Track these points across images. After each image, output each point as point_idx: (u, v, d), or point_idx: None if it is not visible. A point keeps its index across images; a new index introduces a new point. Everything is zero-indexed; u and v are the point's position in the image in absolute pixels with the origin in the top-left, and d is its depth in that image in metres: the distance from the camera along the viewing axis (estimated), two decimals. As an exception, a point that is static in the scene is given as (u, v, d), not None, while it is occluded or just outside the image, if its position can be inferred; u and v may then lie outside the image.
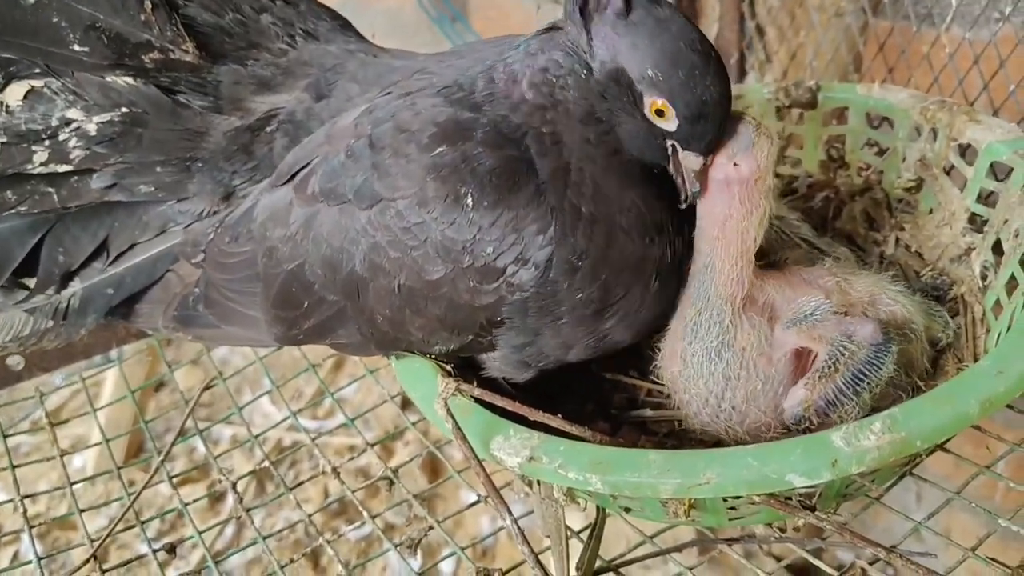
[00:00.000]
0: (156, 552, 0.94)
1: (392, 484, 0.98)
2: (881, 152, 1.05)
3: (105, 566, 0.93)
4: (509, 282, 0.72)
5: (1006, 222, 0.85)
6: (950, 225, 0.92)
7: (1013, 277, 0.82)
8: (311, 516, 0.98)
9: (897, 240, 0.97)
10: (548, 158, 0.72)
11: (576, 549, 0.81)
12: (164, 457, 1.02)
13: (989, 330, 0.84)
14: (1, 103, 0.84)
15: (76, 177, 0.87)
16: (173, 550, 0.94)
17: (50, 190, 0.87)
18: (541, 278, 0.72)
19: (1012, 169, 0.87)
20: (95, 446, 1.39)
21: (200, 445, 2.05)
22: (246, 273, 0.85)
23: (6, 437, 1.13)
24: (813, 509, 0.71)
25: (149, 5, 0.85)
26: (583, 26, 0.71)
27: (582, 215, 0.72)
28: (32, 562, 0.97)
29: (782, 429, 0.77)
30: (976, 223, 0.91)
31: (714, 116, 0.72)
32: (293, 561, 0.93)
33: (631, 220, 0.74)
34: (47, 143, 0.85)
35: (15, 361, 0.94)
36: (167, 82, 0.87)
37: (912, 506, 1.39)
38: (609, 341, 0.79)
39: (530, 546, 0.69)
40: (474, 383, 0.75)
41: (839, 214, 1.02)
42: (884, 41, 1.22)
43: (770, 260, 0.86)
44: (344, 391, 1.68)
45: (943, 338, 0.83)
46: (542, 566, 0.70)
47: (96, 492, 1.95)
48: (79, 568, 0.92)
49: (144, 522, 1.01)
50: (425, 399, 0.77)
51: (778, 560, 1.31)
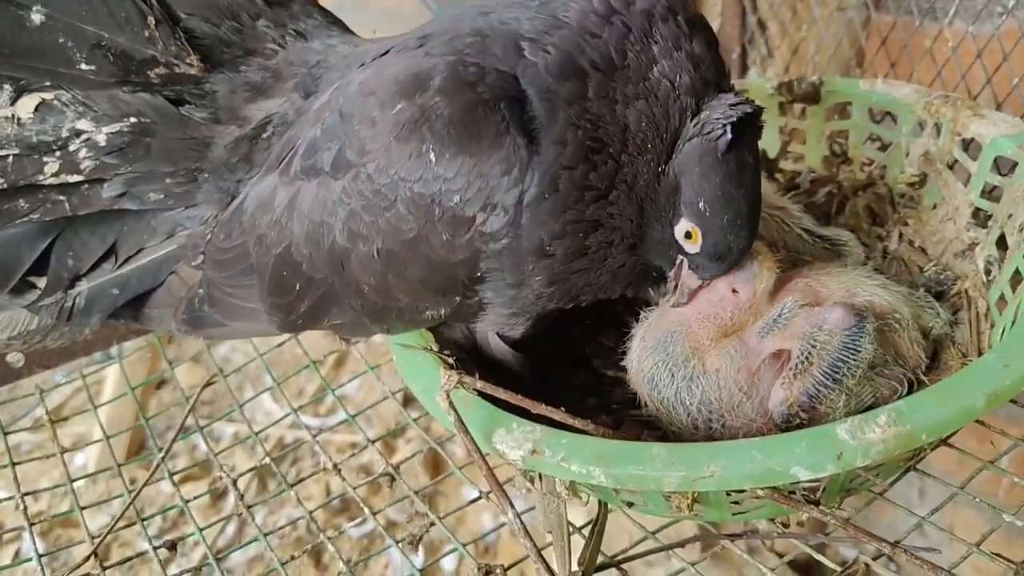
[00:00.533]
0: (157, 549, 0.94)
1: (394, 481, 0.98)
2: (884, 147, 1.04)
3: (106, 563, 0.93)
4: (480, 231, 0.72)
5: (1010, 217, 0.85)
6: (954, 220, 0.92)
7: (1017, 272, 0.82)
8: (312, 513, 0.98)
9: (900, 235, 0.97)
10: (596, 174, 0.73)
11: (578, 545, 0.80)
12: (165, 454, 1.02)
13: (993, 325, 0.84)
14: (12, 116, 0.84)
15: (87, 186, 0.87)
16: (174, 547, 0.94)
17: (62, 199, 0.87)
18: (512, 224, 0.72)
19: (1016, 164, 0.86)
20: (96, 443, 1.39)
21: (201, 443, 2.06)
22: (242, 266, 0.85)
23: (7, 435, 1.13)
24: (817, 503, 0.71)
25: (152, 21, 0.85)
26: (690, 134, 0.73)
27: (579, 234, 0.74)
28: (33, 559, 0.97)
29: (776, 429, 0.76)
30: (980, 218, 0.91)
31: (731, 261, 0.77)
32: (294, 558, 0.93)
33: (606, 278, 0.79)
34: (58, 154, 0.85)
35: (15, 358, 0.94)
36: (173, 95, 0.87)
37: (915, 501, 1.39)
38: (578, 300, 0.81)
39: (533, 541, 0.69)
40: (476, 375, 0.75)
41: (842, 209, 1.02)
42: (887, 35, 1.22)
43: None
44: (345, 388, 1.68)
45: (935, 326, 0.83)
46: (545, 561, 0.70)
47: (98, 490, 1.95)
48: (80, 565, 0.92)
49: (145, 519, 1.00)
50: (427, 392, 0.77)
51: (780, 556, 1.30)
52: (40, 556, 0.97)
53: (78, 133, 0.85)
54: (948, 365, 0.81)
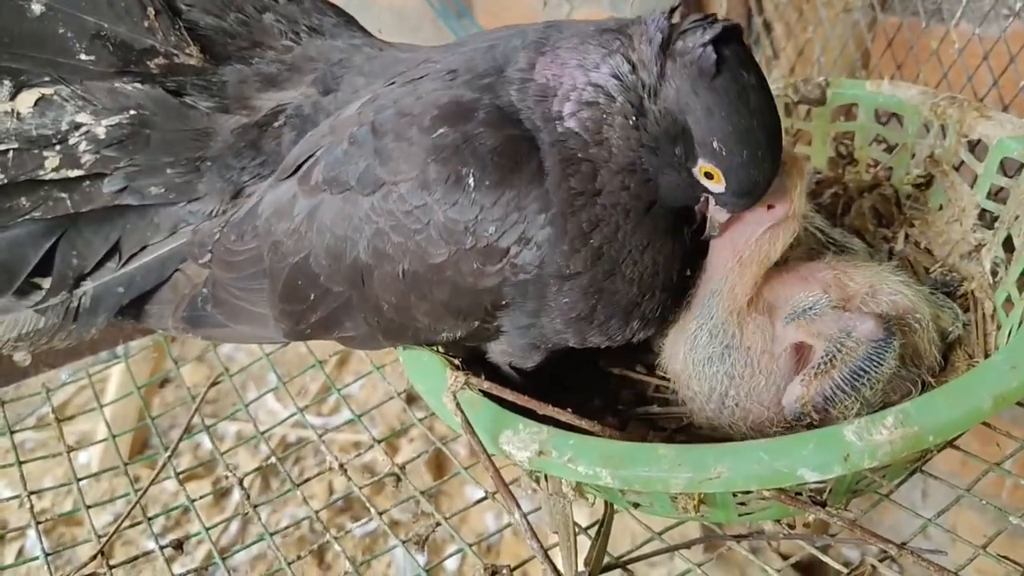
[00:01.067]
0: (164, 549, 0.94)
1: (399, 480, 0.98)
2: (890, 148, 1.04)
3: (112, 562, 0.93)
4: (512, 263, 0.72)
5: (1017, 218, 0.85)
6: (960, 221, 0.92)
7: (1024, 273, 0.82)
8: (317, 513, 0.98)
9: (907, 236, 0.97)
10: (575, 179, 0.72)
11: (584, 545, 0.80)
12: (171, 454, 1.02)
13: (1000, 326, 0.84)
14: (12, 111, 0.84)
15: (88, 182, 0.87)
16: (180, 546, 0.94)
17: (63, 195, 0.87)
18: (543, 259, 0.72)
19: (1023, 165, 0.86)
20: (100, 443, 1.39)
21: (204, 441, 2.07)
22: (252, 270, 0.85)
23: (13, 433, 1.13)
24: (823, 505, 0.71)
25: (152, 12, 0.85)
26: (659, 62, 0.69)
27: (589, 244, 0.72)
28: (39, 558, 0.97)
29: (785, 424, 0.77)
30: (986, 219, 0.91)
31: (760, 193, 0.73)
32: (300, 558, 0.93)
33: (640, 274, 0.75)
34: (58, 148, 0.85)
35: (22, 357, 0.94)
36: (173, 86, 0.87)
37: (919, 502, 1.39)
38: (591, 342, 0.79)
39: (539, 541, 0.69)
40: (482, 376, 0.75)
41: (848, 210, 1.02)
42: (893, 37, 1.22)
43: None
44: (349, 388, 1.69)
45: (954, 330, 0.83)
46: (551, 562, 0.70)
47: (101, 488, 1.96)
48: (86, 564, 0.92)
49: (151, 519, 1.01)
50: (433, 392, 0.77)
51: (785, 558, 1.30)
52: (46, 554, 0.97)
53: (77, 126, 0.85)
54: (955, 366, 0.81)
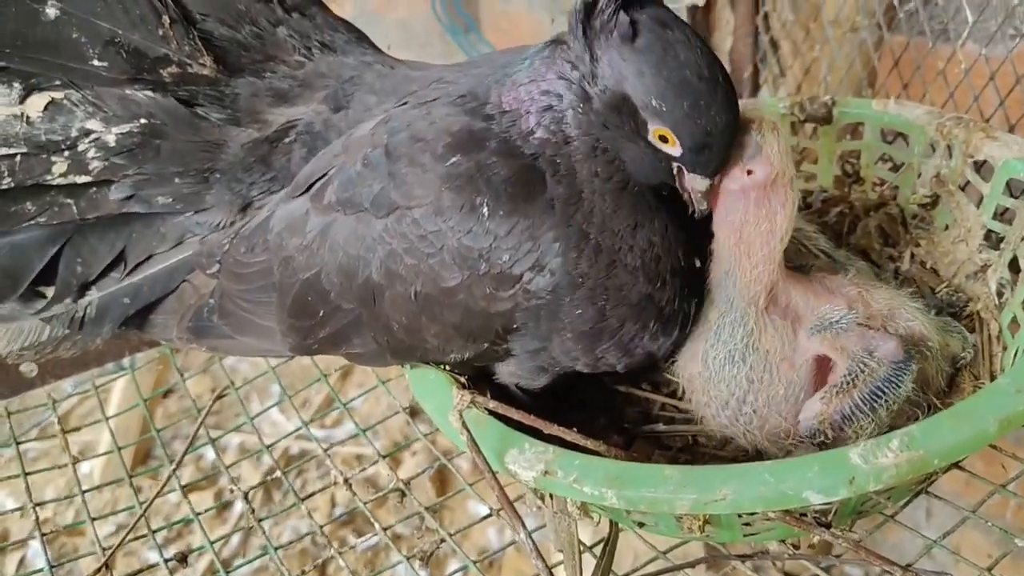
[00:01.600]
0: (168, 562, 0.94)
1: (404, 496, 0.98)
2: (896, 168, 1.04)
3: (115, 574, 0.93)
4: (526, 289, 0.73)
5: (1023, 239, 0.85)
6: (966, 241, 0.92)
7: (1030, 294, 0.82)
8: (323, 527, 0.98)
9: (912, 256, 0.97)
10: (561, 185, 0.73)
11: (588, 564, 0.80)
12: (177, 466, 1.02)
13: (1006, 348, 0.84)
14: (22, 114, 0.84)
15: (95, 188, 0.87)
16: (185, 559, 0.94)
17: (69, 201, 0.87)
18: (556, 284, 0.73)
19: (1029, 186, 0.86)
20: (104, 455, 1.39)
21: (207, 453, 2.07)
22: (261, 283, 0.85)
23: (18, 444, 1.13)
24: (828, 526, 0.71)
25: (167, 20, 0.86)
26: (587, 47, 0.70)
27: (589, 239, 0.73)
28: (43, 570, 0.97)
29: (799, 437, 0.77)
30: (992, 240, 0.91)
31: (719, 145, 0.71)
32: (304, 573, 0.93)
33: (640, 260, 0.74)
34: (66, 154, 0.85)
35: (28, 368, 0.94)
36: (185, 95, 0.87)
37: (923, 523, 1.38)
38: (604, 363, 0.79)
39: (544, 560, 0.69)
40: (488, 395, 0.75)
41: (854, 229, 1.02)
42: (899, 56, 1.22)
43: (796, 265, 0.86)
44: (352, 401, 1.68)
45: (965, 357, 0.83)
46: (556, 581, 0.70)
47: (103, 499, 1.95)
48: (91, 576, 0.92)
49: (156, 531, 1.00)
50: (439, 411, 0.77)
51: (788, 576, 1.30)
52: (51, 566, 0.97)
53: (87, 133, 0.85)
54: (960, 388, 0.81)
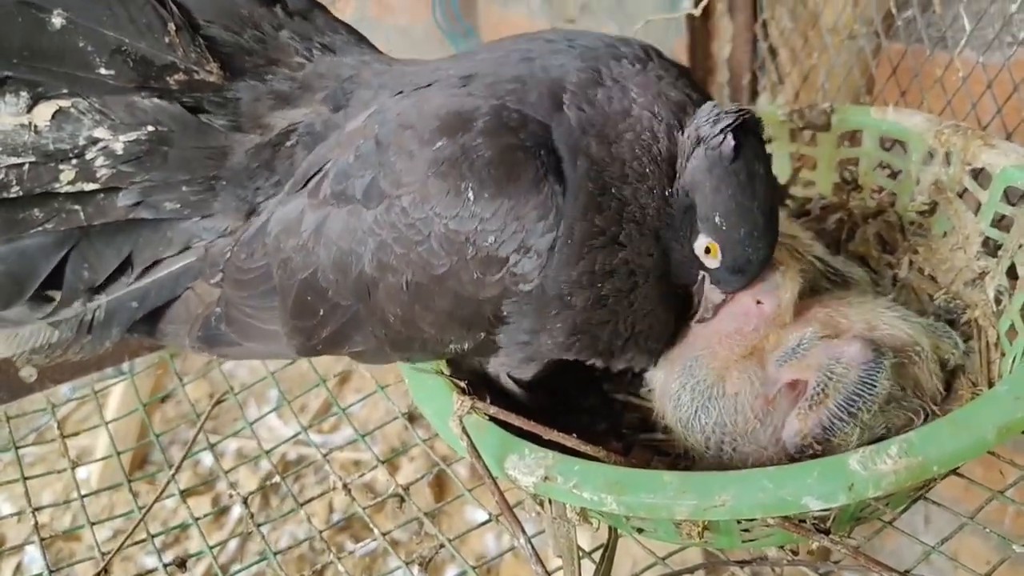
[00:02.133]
0: (166, 567, 0.94)
1: (402, 501, 0.98)
2: (894, 175, 1.05)
3: (114, 579, 0.93)
4: (512, 272, 0.73)
5: (1021, 247, 0.85)
6: (964, 249, 0.92)
7: (1028, 301, 0.82)
8: (322, 532, 0.98)
9: (910, 263, 0.97)
10: (601, 216, 0.74)
11: (587, 570, 0.80)
12: (176, 471, 1.02)
13: (1004, 354, 0.84)
14: (29, 123, 0.84)
15: (103, 195, 0.87)
16: (183, 564, 0.93)
17: (77, 208, 0.87)
18: (543, 267, 0.73)
19: (1026, 194, 0.87)
20: (101, 459, 1.39)
21: (204, 458, 2.06)
22: (263, 288, 0.85)
23: (17, 448, 1.13)
24: (827, 532, 0.71)
25: (173, 28, 0.85)
26: (691, 147, 0.74)
27: (595, 286, 0.75)
28: (41, 574, 0.96)
29: (788, 459, 0.77)
30: (990, 247, 0.91)
31: (752, 273, 0.78)
32: (303, 578, 0.93)
33: (630, 331, 0.79)
34: (74, 162, 0.85)
35: (28, 373, 0.94)
36: (191, 102, 0.87)
37: (921, 529, 1.38)
38: (614, 356, 0.82)
39: (544, 566, 0.69)
40: (488, 400, 0.75)
41: (852, 236, 1.02)
42: (897, 64, 1.22)
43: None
44: (350, 407, 1.69)
45: (951, 358, 0.83)
46: (555, 586, 0.70)
47: (100, 504, 1.95)
48: (89, 582, 0.92)
49: (155, 536, 1.00)
50: (439, 416, 0.77)
51: (786, 583, 1.30)
52: (51, 572, 0.96)
53: (95, 141, 0.85)
54: (958, 395, 0.81)
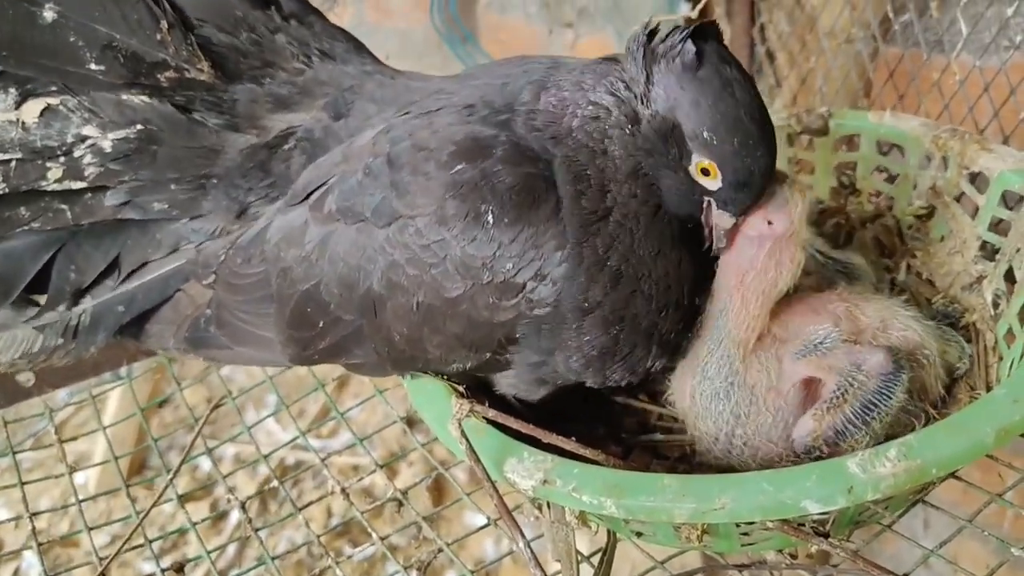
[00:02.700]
0: (165, 572, 0.94)
1: (401, 505, 0.98)
2: (891, 179, 1.05)
3: (111, 585, 0.93)
4: (528, 298, 0.73)
5: (1018, 251, 0.85)
6: (961, 253, 0.92)
7: (1026, 305, 0.82)
8: (320, 537, 0.98)
9: (908, 267, 0.97)
10: (585, 198, 0.73)
11: (586, 573, 0.80)
12: (174, 475, 1.02)
13: (1001, 358, 0.84)
14: (17, 120, 0.84)
15: (90, 194, 0.87)
16: (181, 569, 0.93)
17: (64, 207, 0.87)
18: (559, 294, 0.73)
19: (1023, 198, 0.87)
20: (99, 464, 1.39)
21: (202, 463, 2.06)
22: (259, 294, 0.85)
23: (15, 454, 1.12)
24: (826, 536, 0.71)
25: (165, 25, 0.86)
26: (645, 69, 0.71)
27: (606, 267, 0.73)
28: (40, 579, 0.97)
29: (794, 458, 0.77)
30: (987, 251, 0.91)
31: (756, 186, 0.73)
32: (301, 582, 0.92)
33: (655, 288, 0.75)
34: (62, 160, 0.85)
35: (25, 378, 0.94)
36: (182, 101, 0.87)
37: (920, 533, 1.38)
38: (612, 380, 0.80)
39: (543, 570, 0.69)
40: (487, 404, 0.75)
41: (850, 240, 1.02)
42: (894, 68, 1.22)
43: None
44: (349, 412, 1.69)
45: (962, 367, 0.83)
46: (554, 590, 0.70)
47: (97, 509, 1.95)
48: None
49: (152, 541, 1.00)
50: (438, 420, 0.77)
51: (785, 586, 1.30)
52: (49, 577, 0.96)
53: (83, 139, 0.85)
54: (957, 398, 0.81)
